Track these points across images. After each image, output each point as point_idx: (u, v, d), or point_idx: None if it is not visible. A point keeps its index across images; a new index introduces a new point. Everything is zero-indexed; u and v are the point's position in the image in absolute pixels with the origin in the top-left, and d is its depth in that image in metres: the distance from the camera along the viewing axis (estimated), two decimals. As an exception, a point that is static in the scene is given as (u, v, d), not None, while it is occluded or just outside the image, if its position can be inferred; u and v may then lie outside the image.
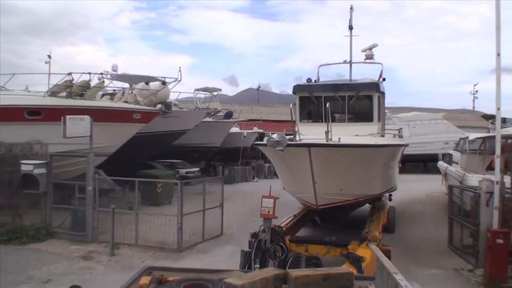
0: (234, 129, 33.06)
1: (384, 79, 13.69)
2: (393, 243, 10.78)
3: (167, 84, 17.37)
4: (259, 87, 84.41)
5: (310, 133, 9.90)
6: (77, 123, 11.75)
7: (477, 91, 58.39)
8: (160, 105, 17.65)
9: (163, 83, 17.40)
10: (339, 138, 8.81)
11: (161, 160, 24.21)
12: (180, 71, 16.82)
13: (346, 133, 10.42)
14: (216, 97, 27.47)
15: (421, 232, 13.83)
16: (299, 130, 8.87)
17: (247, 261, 8.08)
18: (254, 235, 8.40)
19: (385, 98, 13.58)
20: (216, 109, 26.99)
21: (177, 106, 23.11)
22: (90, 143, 12.37)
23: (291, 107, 9.34)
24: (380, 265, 3.39)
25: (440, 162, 21.40)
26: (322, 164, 8.74)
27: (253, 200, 12.80)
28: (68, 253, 10.97)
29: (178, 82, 16.93)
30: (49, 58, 32.77)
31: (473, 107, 60.96)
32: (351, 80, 13.97)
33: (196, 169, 25.83)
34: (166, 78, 17.33)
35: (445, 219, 12.69)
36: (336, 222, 11.92)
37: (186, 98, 28.45)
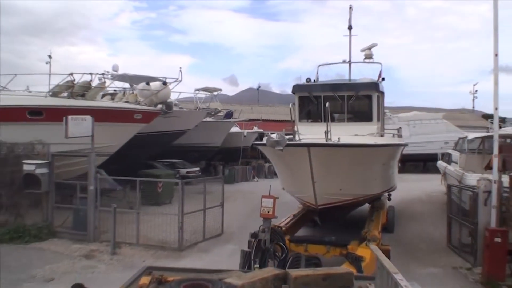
0: (234, 129, 33.04)
1: (383, 79, 13.64)
2: (393, 243, 10.82)
3: (168, 85, 17.41)
4: (259, 87, 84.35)
5: (310, 133, 9.85)
6: (79, 123, 11.83)
7: (477, 91, 58.43)
8: (161, 105, 17.65)
9: (164, 83, 17.41)
10: (339, 138, 8.75)
11: (162, 160, 24.23)
12: (181, 72, 16.89)
13: (346, 133, 10.37)
14: (216, 97, 27.42)
15: (420, 231, 13.86)
16: (299, 130, 8.81)
17: (247, 261, 8.06)
18: (254, 235, 8.38)
19: (385, 98, 13.51)
20: (217, 109, 26.99)
21: (178, 106, 23.14)
22: (92, 143, 12.43)
23: (291, 107, 9.30)
24: (380, 265, 3.41)
25: (439, 162, 21.47)
26: (322, 164, 8.70)
27: (253, 200, 12.86)
28: (70, 252, 11.04)
29: (179, 82, 17.00)
30: (50, 59, 32.88)
31: (473, 107, 60.92)
32: (350, 80, 13.91)
33: (197, 169, 25.87)
34: (167, 78, 17.35)
35: (444, 218, 12.71)
36: (336, 222, 11.87)
37: (187, 98, 28.48)
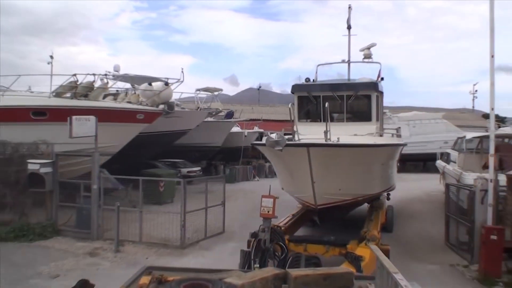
0: (235, 129, 33.12)
1: (383, 79, 13.59)
2: (392, 242, 10.91)
3: (170, 85, 17.54)
4: (260, 87, 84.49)
5: (309, 133, 9.77)
6: (83, 124, 12.00)
7: (477, 91, 58.52)
8: (163, 106, 17.77)
9: (166, 84, 17.52)
10: (338, 138, 8.71)
11: (163, 160, 24.35)
12: (183, 72, 16.95)
13: (345, 133, 10.33)
14: (217, 97, 27.50)
15: (420, 230, 13.99)
16: (298, 130, 8.71)
17: (247, 261, 8.08)
18: (254, 235, 8.41)
19: (384, 98, 13.48)
20: (218, 109, 27.08)
21: (179, 106, 23.28)
22: (95, 143, 12.58)
23: (290, 107, 9.25)
24: (380, 265, 3.44)
25: (438, 161, 21.59)
26: (321, 164, 8.70)
27: (254, 199, 13.00)
28: (74, 250, 11.19)
29: (181, 83, 17.05)
30: (51, 59, 32.95)
31: (473, 107, 60.97)
32: (350, 80, 13.84)
33: (198, 169, 26.00)
34: (169, 79, 17.43)
35: (443, 217, 12.82)
36: (335, 222, 11.90)
37: (187, 98, 28.60)
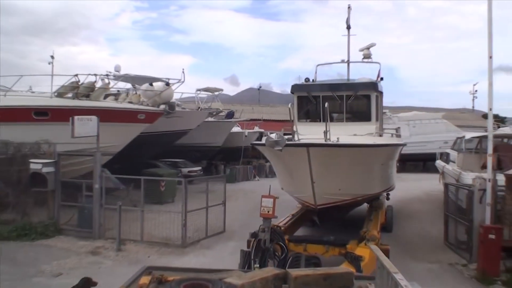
0: (236, 129, 33.19)
1: (382, 79, 13.57)
2: (391, 241, 10.95)
3: (171, 85, 17.62)
4: (260, 87, 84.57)
5: (309, 133, 9.73)
6: (85, 124, 12.09)
7: (477, 91, 58.66)
8: (164, 106, 17.86)
9: (167, 84, 17.61)
10: (338, 138, 8.71)
11: (164, 160, 24.44)
12: (184, 73, 17.02)
13: (344, 133, 10.29)
14: (218, 97, 27.58)
15: (419, 230, 14.07)
16: (298, 130, 8.65)
17: (247, 261, 8.08)
18: (254, 235, 8.42)
19: (384, 98, 13.47)
20: (218, 109, 27.16)
21: (180, 106, 23.37)
22: (97, 143, 12.67)
23: (289, 107, 9.19)
24: (380, 265, 3.45)
25: (438, 161, 21.66)
26: (321, 164, 8.70)
27: (255, 199, 13.08)
28: (77, 249, 11.28)
29: (182, 83, 17.14)
30: (52, 59, 33.04)
31: (473, 107, 61.13)
32: (349, 80, 13.83)
33: (198, 168, 26.10)
34: (170, 79, 17.52)
35: (442, 217, 12.88)
36: (335, 222, 11.93)
37: (188, 98, 28.68)
